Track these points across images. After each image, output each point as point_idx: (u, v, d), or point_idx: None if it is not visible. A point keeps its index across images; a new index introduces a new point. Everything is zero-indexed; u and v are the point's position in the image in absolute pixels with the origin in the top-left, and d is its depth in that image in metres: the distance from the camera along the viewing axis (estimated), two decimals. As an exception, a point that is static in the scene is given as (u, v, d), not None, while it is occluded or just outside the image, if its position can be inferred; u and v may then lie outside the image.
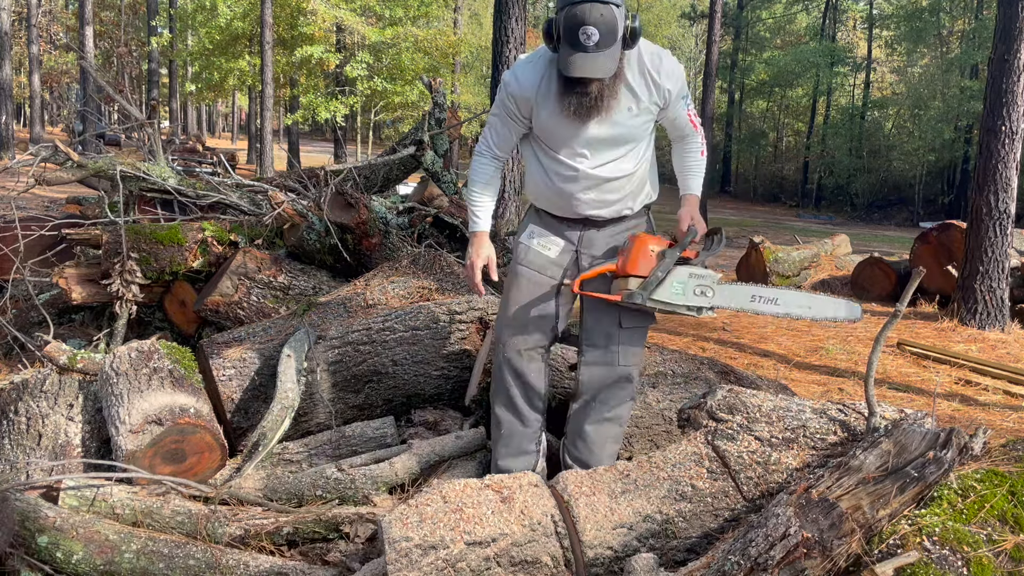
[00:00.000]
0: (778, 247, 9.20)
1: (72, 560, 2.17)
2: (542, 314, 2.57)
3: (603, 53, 2.16)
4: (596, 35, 2.12)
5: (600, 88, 2.25)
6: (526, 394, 2.60)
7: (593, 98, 2.26)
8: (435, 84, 5.30)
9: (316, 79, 22.62)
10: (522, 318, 2.57)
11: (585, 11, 2.12)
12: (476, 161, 2.58)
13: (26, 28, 27.48)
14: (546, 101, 2.36)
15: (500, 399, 2.64)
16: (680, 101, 2.42)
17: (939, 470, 1.67)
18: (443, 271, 3.70)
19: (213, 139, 42.47)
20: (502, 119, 2.49)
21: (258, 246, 4.08)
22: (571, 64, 2.18)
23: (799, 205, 30.94)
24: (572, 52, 2.17)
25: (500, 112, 2.48)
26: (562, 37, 2.18)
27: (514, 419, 2.61)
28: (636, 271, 2.39)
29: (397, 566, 1.77)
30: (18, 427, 2.67)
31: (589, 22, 2.11)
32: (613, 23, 2.14)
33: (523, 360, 2.58)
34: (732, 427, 2.09)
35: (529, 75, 2.39)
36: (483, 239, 2.57)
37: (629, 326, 2.52)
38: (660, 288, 2.36)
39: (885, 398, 4.57)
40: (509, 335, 2.59)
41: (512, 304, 2.59)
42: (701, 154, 2.54)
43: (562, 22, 2.16)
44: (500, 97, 2.44)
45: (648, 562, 1.76)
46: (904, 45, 31.21)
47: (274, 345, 3.19)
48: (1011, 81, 6.68)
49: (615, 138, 2.38)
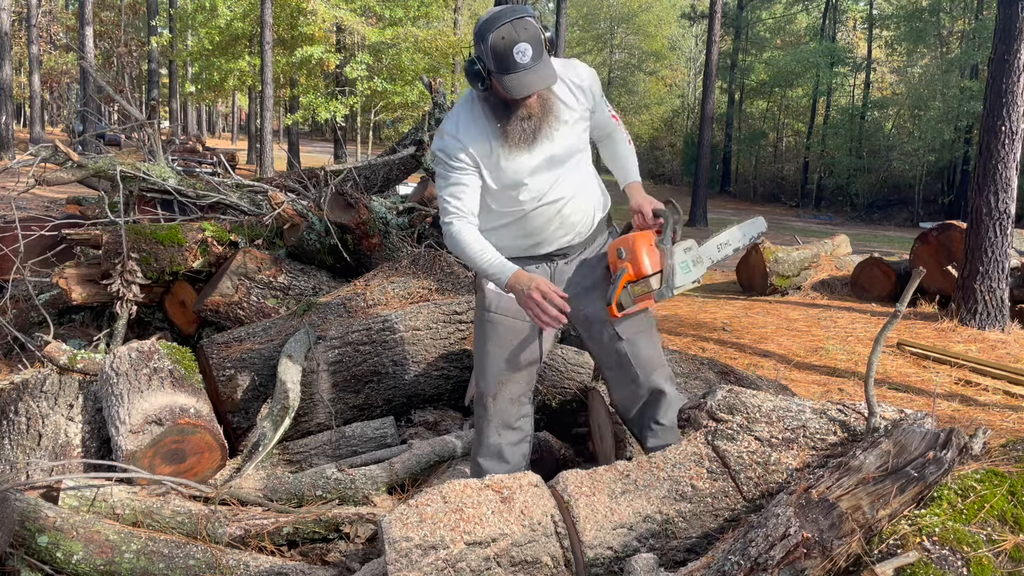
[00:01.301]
0: (778, 247, 9.20)
1: (72, 560, 2.17)
2: (529, 359, 2.46)
3: (539, 64, 2.15)
4: (529, 49, 2.12)
5: (541, 107, 2.24)
6: (514, 441, 2.49)
7: (537, 120, 2.25)
8: (435, 84, 5.30)
9: (316, 79, 22.64)
10: (508, 368, 2.45)
11: (511, 31, 2.12)
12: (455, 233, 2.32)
13: (26, 28, 27.49)
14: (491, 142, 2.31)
15: (487, 451, 2.49)
16: (600, 98, 2.47)
17: (939, 470, 1.68)
18: (443, 271, 3.70)
19: (213, 139, 42.48)
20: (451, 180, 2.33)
21: (258, 246, 4.08)
22: (514, 86, 2.15)
23: (799, 205, 30.96)
24: (510, 74, 2.14)
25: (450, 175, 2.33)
26: (494, 67, 2.15)
27: (500, 468, 2.46)
28: (655, 268, 2.36)
29: (397, 566, 1.77)
30: (18, 427, 2.67)
31: (520, 39, 2.11)
32: (537, 34, 2.15)
33: (514, 408, 2.47)
34: (732, 427, 2.09)
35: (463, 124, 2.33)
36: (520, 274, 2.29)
37: (628, 335, 2.44)
38: (676, 275, 2.38)
39: (885, 398, 4.57)
40: (497, 388, 2.45)
41: (492, 356, 2.45)
42: (629, 143, 2.56)
43: (490, 51, 2.14)
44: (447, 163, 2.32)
45: (648, 562, 1.76)
46: (904, 45, 31.22)
47: (274, 345, 3.19)
48: (1011, 81, 6.68)
49: (561, 155, 2.35)
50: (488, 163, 2.33)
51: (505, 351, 2.45)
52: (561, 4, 21.13)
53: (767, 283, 8.72)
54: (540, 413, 3.14)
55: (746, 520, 1.83)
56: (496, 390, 2.46)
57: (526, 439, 2.53)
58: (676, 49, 41.00)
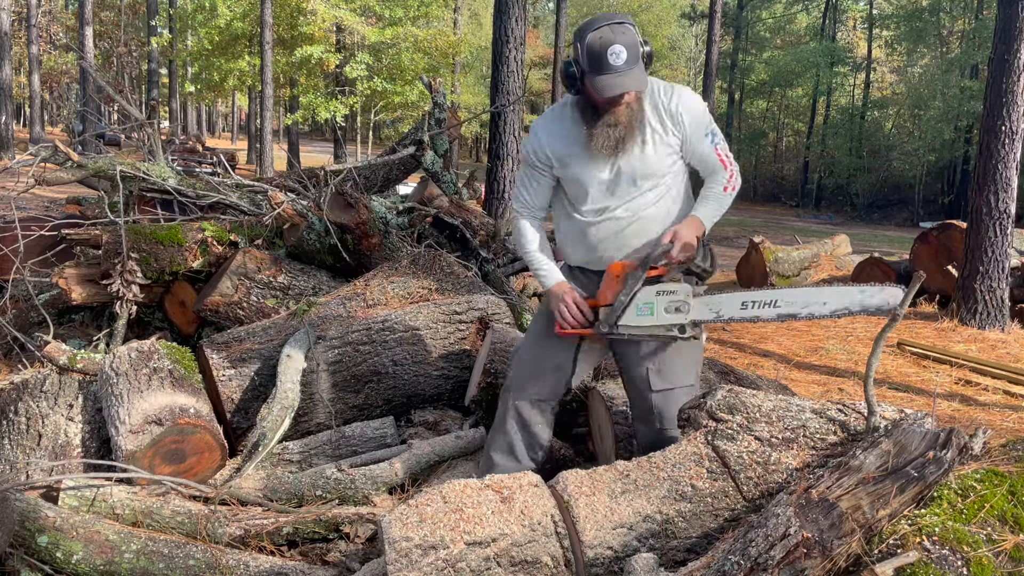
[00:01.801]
0: (778, 247, 9.20)
1: (72, 560, 2.17)
2: (559, 365, 2.51)
3: (633, 70, 2.20)
4: (624, 53, 2.17)
5: (629, 118, 2.28)
6: (528, 443, 2.54)
7: (623, 129, 2.28)
8: (435, 84, 5.30)
9: (316, 79, 22.63)
10: (539, 366, 2.51)
11: (608, 33, 2.18)
12: (516, 224, 2.56)
13: (26, 28, 27.49)
14: (573, 149, 2.38)
15: (499, 446, 2.56)
16: (704, 137, 2.37)
17: (939, 470, 1.67)
18: (443, 271, 3.70)
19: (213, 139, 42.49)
20: (530, 175, 2.50)
21: (258, 246, 4.07)
22: (605, 86, 2.20)
23: (799, 205, 30.96)
24: (602, 75, 2.20)
25: (527, 170, 2.51)
26: (588, 67, 2.21)
27: (510, 465, 2.53)
28: (606, 301, 2.31)
29: (397, 566, 1.77)
30: (18, 427, 2.66)
31: (616, 41, 2.17)
32: (634, 41, 2.20)
33: (533, 410, 2.52)
34: (732, 427, 2.09)
35: (552, 127, 2.44)
36: (561, 286, 2.44)
37: (660, 389, 2.42)
38: (627, 313, 2.26)
39: (885, 398, 4.57)
40: (523, 381, 2.52)
41: (532, 349, 2.54)
42: (724, 189, 2.41)
43: (585, 50, 2.20)
44: (525, 155, 2.49)
45: (648, 562, 1.76)
46: (904, 45, 31.22)
47: (274, 345, 3.19)
48: (1011, 81, 6.68)
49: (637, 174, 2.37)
50: (563, 165, 2.41)
51: (543, 347, 2.51)
52: (561, 4, 21.12)
53: (767, 283, 8.72)
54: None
55: (746, 520, 1.83)
56: (520, 382, 2.53)
57: (540, 446, 2.56)
58: (676, 49, 40.99)
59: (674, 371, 2.42)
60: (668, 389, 2.41)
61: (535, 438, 2.55)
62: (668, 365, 2.42)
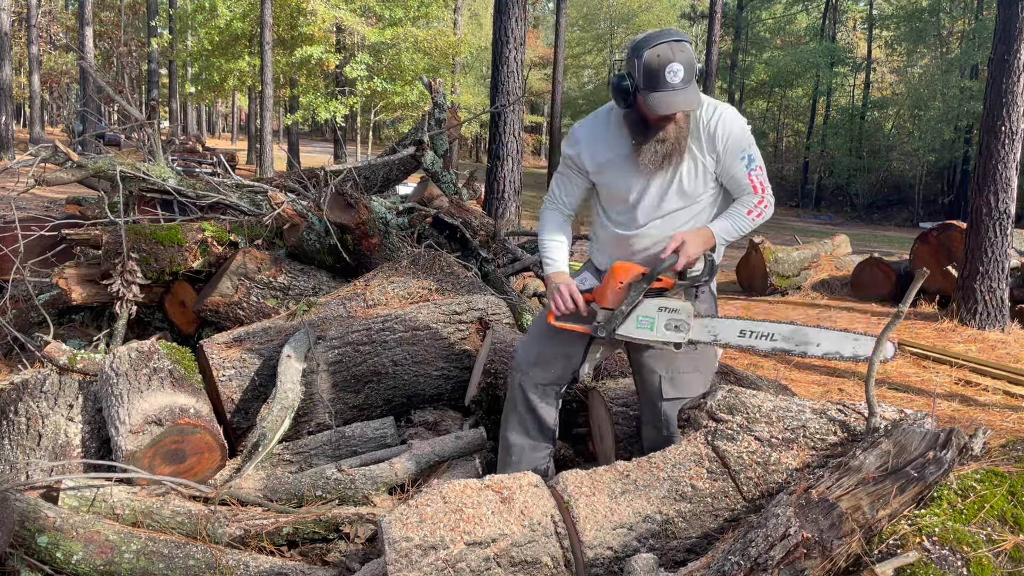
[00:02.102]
0: (778, 247, 9.20)
1: (72, 560, 2.17)
2: (569, 354, 2.54)
3: (689, 88, 2.20)
4: (681, 71, 2.17)
5: (677, 135, 2.28)
6: (538, 426, 2.60)
7: (671, 144, 2.28)
8: (435, 84, 5.30)
9: (316, 79, 22.63)
10: (548, 352, 2.55)
11: (668, 51, 2.17)
12: (543, 213, 2.61)
13: (26, 28, 27.49)
14: (614, 156, 2.39)
15: (512, 425, 2.62)
16: (738, 158, 2.35)
17: (939, 470, 1.67)
18: (443, 271, 3.70)
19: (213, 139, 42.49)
20: (566, 175, 2.54)
21: (258, 246, 4.07)
22: (661, 103, 2.20)
23: (799, 205, 30.97)
24: (658, 92, 2.19)
25: (564, 169, 2.54)
26: (644, 83, 2.20)
27: (527, 443, 2.60)
28: (604, 303, 2.33)
29: (397, 566, 1.77)
30: (18, 427, 2.66)
31: (674, 59, 2.16)
32: (692, 59, 2.20)
33: (538, 395, 2.57)
34: (732, 427, 2.09)
35: (593, 132, 2.45)
36: (561, 276, 2.50)
37: (671, 398, 2.45)
38: (626, 323, 2.27)
39: (885, 398, 4.57)
40: (530, 365, 2.57)
41: (542, 334, 2.57)
42: (748, 212, 2.36)
43: (643, 66, 2.19)
44: (565, 157, 2.51)
45: (648, 562, 1.76)
46: (904, 45, 31.23)
47: (274, 345, 3.19)
48: (1011, 81, 6.69)
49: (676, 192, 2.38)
50: (600, 171, 2.43)
51: (553, 333, 2.53)
52: (561, 4, 21.13)
53: (767, 283, 8.72)
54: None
55: (746, 520, 1.83)
56: (527, 367, 2.57)
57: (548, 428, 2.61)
58: (676, 49, 40.95)
59: (686, 382, 2.45)
60: (679, 399, 2.44)
61: (542, 421, 2.60)
62: (681, 375, 2.45)
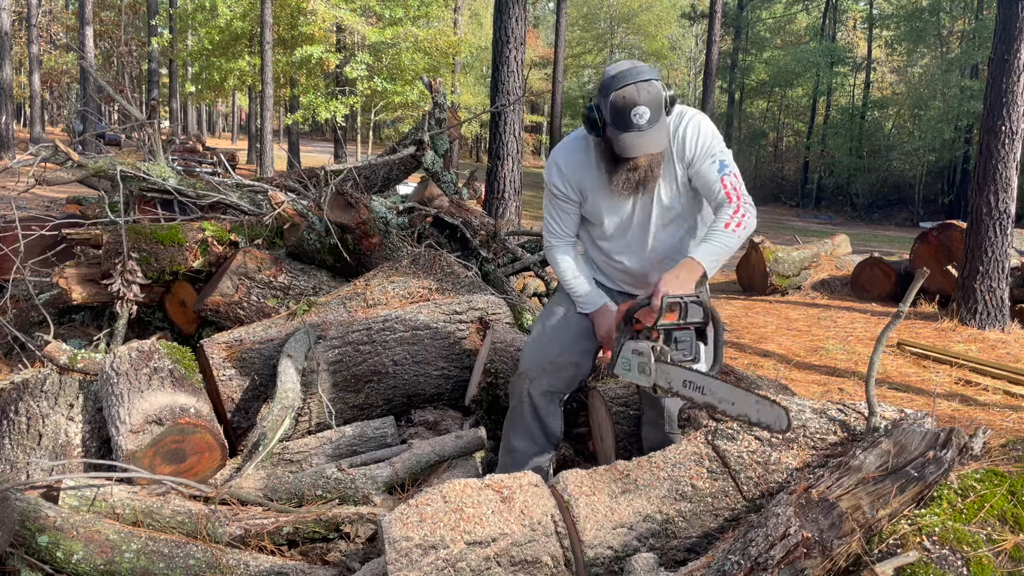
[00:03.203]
0: (778, 247, 9.20)
1: (72, 560, 2.17)
2: (579, 363, 2.53)
3: (654, 128, 2.19)
4: (647, 113, 2.15)
5: (648, 161, 2.27)
6: (544, 433, 2.57)
7: (643, 171, 2.28)
8: (435, 84, 5.30)
9: (316, 79, 22.63)
10: (560, 360, 2.51)
11: (634, 92, 2.14)
12: (552, 254, 2.55)
13: (26, 28, 27.49)
14: (593, 182, 2.40)
15: (518, 432, 2.57)
16: (708, 162, 2.32)
17: (939, 470, 1.68)
18: (443, 271, 3.70)
19: (213, 139, 42.49)
20: (556, 206, 2.50)
21: (258, 246, 4.07)
22: (627, 146, 2.19)
23: (799, 205, 30.97)
24: (625, 133, 2.18)
25: (552, 201, 2.51)
26: (611, 121, 2.19)
27: (531, 448, 2.56)
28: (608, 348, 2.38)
29: (397, 566, 1.77)
30: (18, 427, 2.67)
31: (640, 103, 2.14)
32: (659, 98, 2.17)
33: (546, 402, 2.53)
34: (732, 427, 2.09)
35: (573, 159, 2.43)
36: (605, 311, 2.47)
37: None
38: (615, 364, 2.26)
39: (885, 398, 4.58)
40: (540, 373, 2.52)
41: (552, 339, 2.53)
42: (726, 226, 2.29)
43: (609, 107, 2.18)
44: (548, 187, 2.48)
45: (648, 562, 1.76)
46: (904, 45, 31.22)
47: (274, 345, 3.19)
48: (1011, 81, 6.69)
49: (658, 212, 2.39)
50: (590, 194, 2.42)
51: (563, 339, 2.52)
52: (561, 4, 21.12)
53: (767, 283, 8.72)
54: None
55: (746, 520, 1.83)
56: (535, 374, 2.52)
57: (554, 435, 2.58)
58: (676, 49, 40.98)
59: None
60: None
61: (548, 428, 2.56)
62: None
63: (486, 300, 3.49)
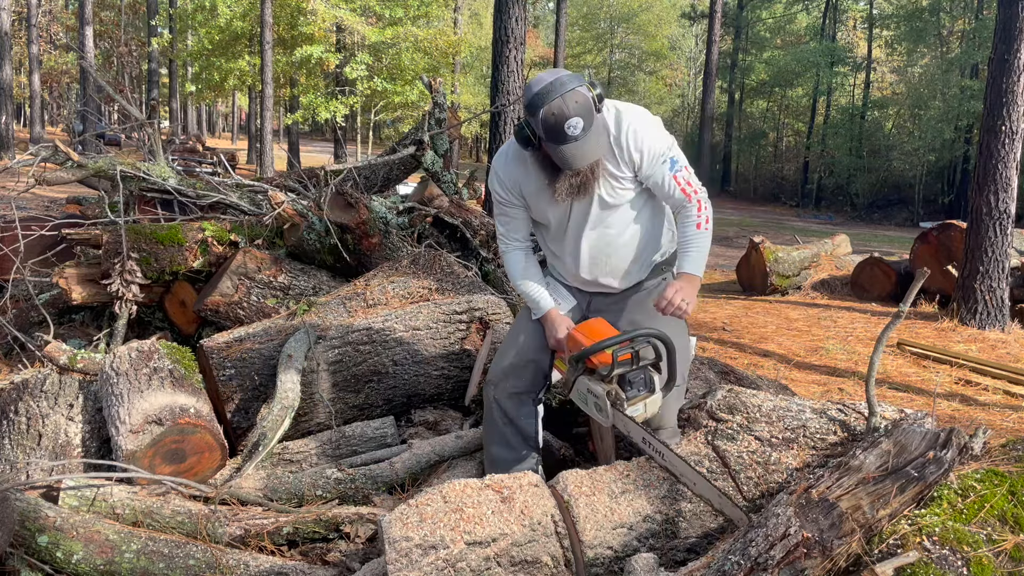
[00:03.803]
0: (778, 247, 9.20)
1: (72, 560, 2.17)
2: (537, 360, 2.55)
3: (590, 135, 2.16)
4: (580, 122, 2.11)
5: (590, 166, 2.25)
6: (519, 435, 2.57)
7: (584, 175, 2.26)
8: (435, 84, 5.30)
9: (316, 79, 22.63)
10: (517, 361, 2.55)
11: (562, 106, 2.10)
12: (505, 258, 2.58)
13: (26, 28, 27.49)
14: (534, 189, 2.40)
15: (493, 439, 2.59)
16: (659, 165, 2.30)
17: (939, 470, 1.68)
18: (443, 271, 3.70)
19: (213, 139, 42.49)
20: (502, 211, 2.53)
21: (258, 246, 4.07)
22: (568, 158, 2.17)
23: (799, 205, 30.94)
24: (562, 146, 2.15)
25: (500, 208, 2.53)
26: (545, 137, 2.16)
27: (510, 455, 2.56)
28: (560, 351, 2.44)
29: (397, 566, 1.77)
30: (18, 427, 2.67)
31: (571, 115, 2.10)
32: (588, 105, 2.13)
33: (514, 404, 2.56)
34: (732, 427, 2.09)
35: (512, 170, 2.43)
36: (553, 315, 2.49)
37: None
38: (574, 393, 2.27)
39: (885, 398, 4.58)
40: (501, 377, 2.56)
41: (511, 346, 2.59)
42: (697, 227, 2.32)
43: (541, 124, 2.14)
44: (496, 196, 2.50)
45: (648, 562, 1.76)
46: (904, 45, 31.20)
47: (274, 345, 3.19)
48: (1011, 81, 6.69)
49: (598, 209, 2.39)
50: (532, 200, 2.43)
51: (521, 343, 2.55)
52: (561, 4, 21.13)
53: (767, 283, 8.72)
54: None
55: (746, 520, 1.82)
56: (498, 379, 2.56)
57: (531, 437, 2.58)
58: (676, 49, 40.97)
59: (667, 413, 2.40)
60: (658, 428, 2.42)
61: (523, 430, 2.56)
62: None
63: (486, 300, 3.49)
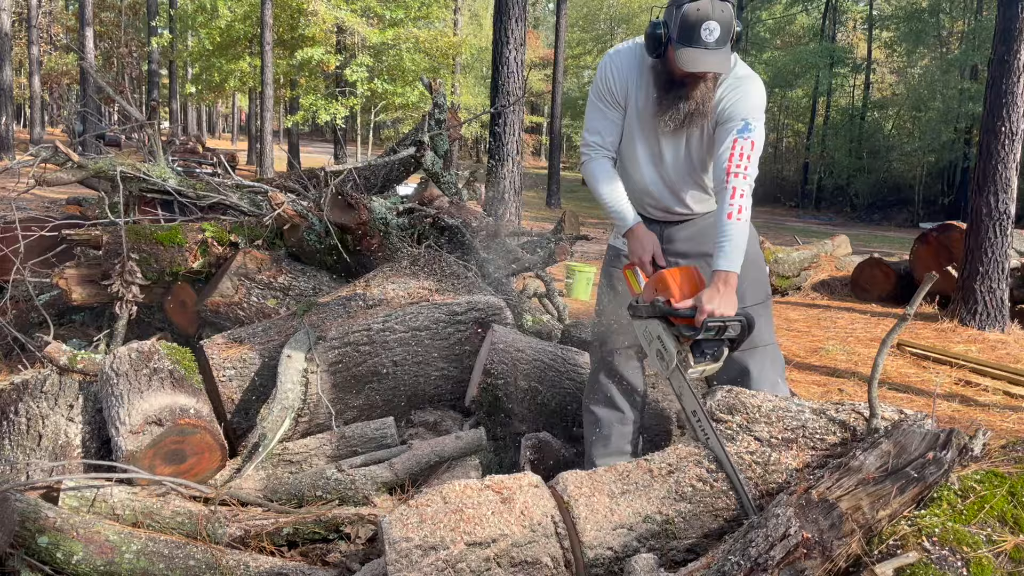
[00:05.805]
0: (778, 247, 9.20)
1: (72, 561, 2.17)
2: None
3: (721, 50, 2.14)
4: (717, 31, 2.10)
5: (702, 96, 2.22)
6: (625, 390, 2.58)
7: (695, 104, 2.22)
8: (435, 85, 5.30)
9: (316, 80, 22.63)
10: (617, 319, 2.55)
11: (707, 7, 2.10)
12: (588, 166, 2.44)
13: (26, 29, 27.49)
14: (641, 101, 2.34)
15: (597, 398, 2.62)
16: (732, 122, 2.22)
17: (939, 471, 1.68)
18: (443, 271, 3.70)
19: (213, 140, 42.47)
20: (602, 110, 2.41)
21: (258, 247, 4.07)
22: (690, 60, 2.13)
23: (799, 205, 30.93)
24: (690, 48, 2.12)
25: (596, 104, 2.42)
26: (678, 35, 2.13)
27: (613, 415, 2.59)
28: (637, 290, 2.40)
29: (397, 567, 1.77)
30: (18, 428, 2.66)
31: (712, 17, 2.09)
32: (730, 20, 2.13)
33: (620, 359, 2.58)
34: (732, 427, 2.09)
35: (628, 70, 2.36)
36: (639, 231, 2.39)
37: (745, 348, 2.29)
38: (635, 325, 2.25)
39: (885, 398, 4.57)
40: (605, 336, 2.59)
41: (606, 306, 2.61)
42: (728, 216, 2.19)
43: (681, 18, 2.12)
44: (596, 87, 2.39)
45: (648, 562, 1.76)
46: (904, 46, 31.20)
47: (274, 346, 3.19)
48: (1011, 81, 6.69)
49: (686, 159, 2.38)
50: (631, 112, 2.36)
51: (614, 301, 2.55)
52: (561, 4, 21.12)
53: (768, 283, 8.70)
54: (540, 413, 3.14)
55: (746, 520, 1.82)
56: (603, 339, 2.58)
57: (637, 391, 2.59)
58: (676, 49, 40.94)
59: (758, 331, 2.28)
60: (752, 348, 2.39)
61: (630, 384, 2.58)
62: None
63: (486, 300, 3.49)
